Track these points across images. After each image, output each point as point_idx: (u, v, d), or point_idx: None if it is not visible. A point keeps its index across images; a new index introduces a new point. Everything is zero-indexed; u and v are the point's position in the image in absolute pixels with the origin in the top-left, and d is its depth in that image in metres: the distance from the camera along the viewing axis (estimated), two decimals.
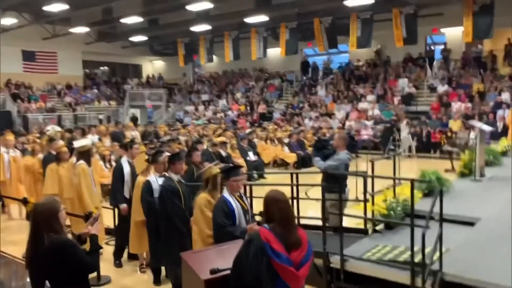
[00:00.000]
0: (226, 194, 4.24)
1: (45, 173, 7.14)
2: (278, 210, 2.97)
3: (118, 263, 5.89)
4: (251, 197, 5.94)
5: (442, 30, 21.03)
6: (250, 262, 2.88)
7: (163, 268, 5.33)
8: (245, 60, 22.88)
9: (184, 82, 29.09)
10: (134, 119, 26.47)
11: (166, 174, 4.91)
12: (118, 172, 5.97)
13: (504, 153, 11.21)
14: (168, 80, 29.81)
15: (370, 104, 19.71)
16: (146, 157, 7.04)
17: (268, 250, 2.85)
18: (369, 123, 18.39)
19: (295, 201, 6.34)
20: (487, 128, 8.84)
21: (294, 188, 6.96)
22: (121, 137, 12.55)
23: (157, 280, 5.27)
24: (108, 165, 9.68)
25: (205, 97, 26.41)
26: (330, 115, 20.38)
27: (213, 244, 4.33)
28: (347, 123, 19.05)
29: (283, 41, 20.64)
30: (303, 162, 13.60)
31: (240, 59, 22.43)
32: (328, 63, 25.07)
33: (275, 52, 22.72)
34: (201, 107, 25.35)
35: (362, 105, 19.92)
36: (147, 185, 5.07)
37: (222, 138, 13.28)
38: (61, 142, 7.69)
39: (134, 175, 5.86)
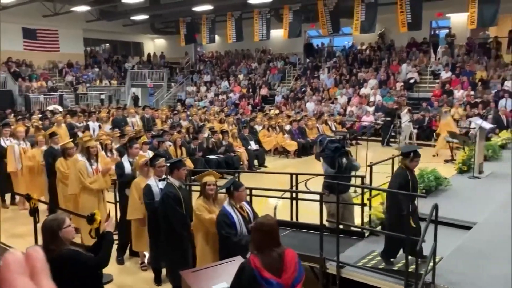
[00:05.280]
0: (226, 205, 4.31)
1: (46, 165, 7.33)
2: (262, 238, 3.06)
3: (120, 260, 6.00)
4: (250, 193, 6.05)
5: (447, 14, 20.73)
6: None
7: (164, 268, 5.44)
8: (248, 41, 22.63)
9: (186, 62, 28.86)
10: (135, 99, 26.45)
11: (168, 180, 4.96)
12: (119, 171, 6.06)
13: (503, 146, 11.27)
14: (169, 59, 29.55)
15: (372, 89, 19.62)
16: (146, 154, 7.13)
17: (258, 278, 2.93)
18: (371, 109, 18.35)
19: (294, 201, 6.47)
20: (487, 125, 8.86)
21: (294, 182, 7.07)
22: (122, 123, 12.56)
23: (157, 280, 5.38)
24: (109, 154, 9.70)
25: (207, 77, 26.24)
26: (332, 99, 20.31)
27: (216, 252, 4.45)
28: (349, 109, 19.01)
29: (286, 23, 20.41)
30: (304, 150, 13.65)
31: (243, 40, 22.20)
32: (331, 47, 24.83)
33: (278, 34, 22.44)
34: (203, 88, 25.22)
35: (364, 90, 19.81)
36: (148, 189, 5.14)
37: (223, 126, 13.35)
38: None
39: (134, 174, 5.94)
